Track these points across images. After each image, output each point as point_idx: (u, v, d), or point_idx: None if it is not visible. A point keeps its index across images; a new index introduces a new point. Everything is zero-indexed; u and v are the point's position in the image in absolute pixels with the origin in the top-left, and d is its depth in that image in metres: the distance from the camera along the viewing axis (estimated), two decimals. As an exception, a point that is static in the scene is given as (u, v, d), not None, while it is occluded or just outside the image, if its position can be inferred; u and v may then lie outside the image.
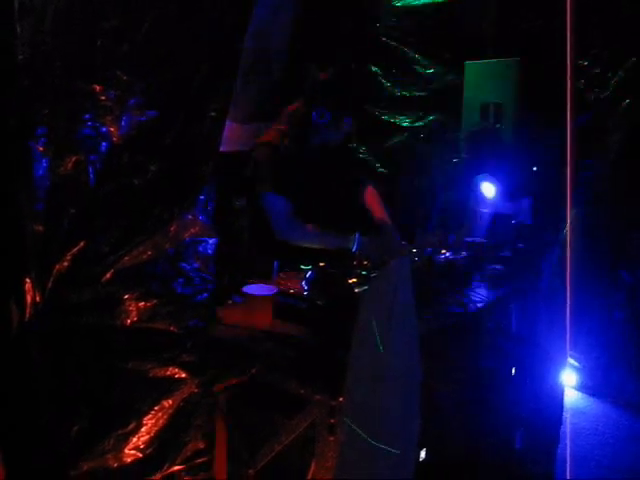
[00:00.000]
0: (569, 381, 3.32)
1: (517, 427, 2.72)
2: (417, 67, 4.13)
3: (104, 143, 1.30)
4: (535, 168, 3.37)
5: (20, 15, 1.13)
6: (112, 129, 1.31)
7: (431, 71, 4.06)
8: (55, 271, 1.27)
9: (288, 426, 1.72)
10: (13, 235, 1.25)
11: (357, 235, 2.41)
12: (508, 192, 3.10)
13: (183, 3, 1.39)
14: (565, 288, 3.02)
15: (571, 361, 3.42)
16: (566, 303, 3.00)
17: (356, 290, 1.96)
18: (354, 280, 2.04)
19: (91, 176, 1.29)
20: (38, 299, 1.25)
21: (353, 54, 4.15)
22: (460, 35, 3.84)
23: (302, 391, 1.63)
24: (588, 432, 2.99)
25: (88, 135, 1.27)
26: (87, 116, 1.27)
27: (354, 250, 2.38)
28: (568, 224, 3.07)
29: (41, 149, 1.22)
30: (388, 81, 4.30)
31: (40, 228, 1.24)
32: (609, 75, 3.23)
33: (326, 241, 2.44)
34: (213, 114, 1.44)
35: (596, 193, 3.32)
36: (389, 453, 1.52)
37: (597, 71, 3.27)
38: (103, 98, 1.28)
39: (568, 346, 3.13)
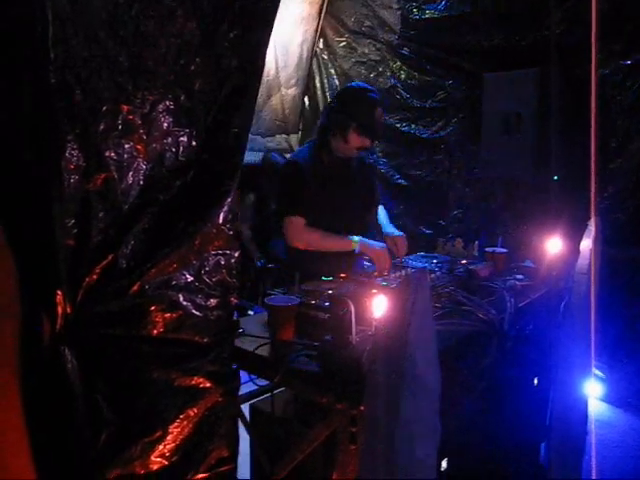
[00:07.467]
0: (594, 392, 3.27)
1: (541, 439, 2.69)
2: (435, 78, 4.15)
3: (131, 161, 1.35)
4: (556, 177, 3.36)
5: (54, 42, 1.19)
6: (139, 147, 1.35)
7: (450, 82, 4.07)
8: (85, 284, 1.31)
9: (309, 435, 1.74)
10: (46, 249, 1.29)
11: (359, 237, 2.49)
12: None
13: (205, 25, 1.44)
14: (589, 298, 2.98)
15: (596, 372, 3.37)
16: (590, 313, 2.96)
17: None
18: (374, 291, 2.06)
19: (119, 192, 1.34)
20: (69, 311, 1.29)
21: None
22: (478, 46, 3.85)
23: (323, 400, 1.65)
24: (614, 444, 2.94)
25: (116, 153, 1.32)
26: (115, 135, 1.31)
27: (356, 251, 2.47)
28: (592, 232, 3.04)
29: (72, 167, 1.27)
30: (407, 92, 4.33)
31: (71, 242, 1.29)
32: (628, 84, 3.21)
33: (330, 243, 2.52)
34: (236, 130, 1.49)
35: (618, 201, 3.28)
36: (410, 463, 1.53)
37: (617, 79, 3.25)
38: (131, 118, 1.33)
39: (593, 356, 3.09)
